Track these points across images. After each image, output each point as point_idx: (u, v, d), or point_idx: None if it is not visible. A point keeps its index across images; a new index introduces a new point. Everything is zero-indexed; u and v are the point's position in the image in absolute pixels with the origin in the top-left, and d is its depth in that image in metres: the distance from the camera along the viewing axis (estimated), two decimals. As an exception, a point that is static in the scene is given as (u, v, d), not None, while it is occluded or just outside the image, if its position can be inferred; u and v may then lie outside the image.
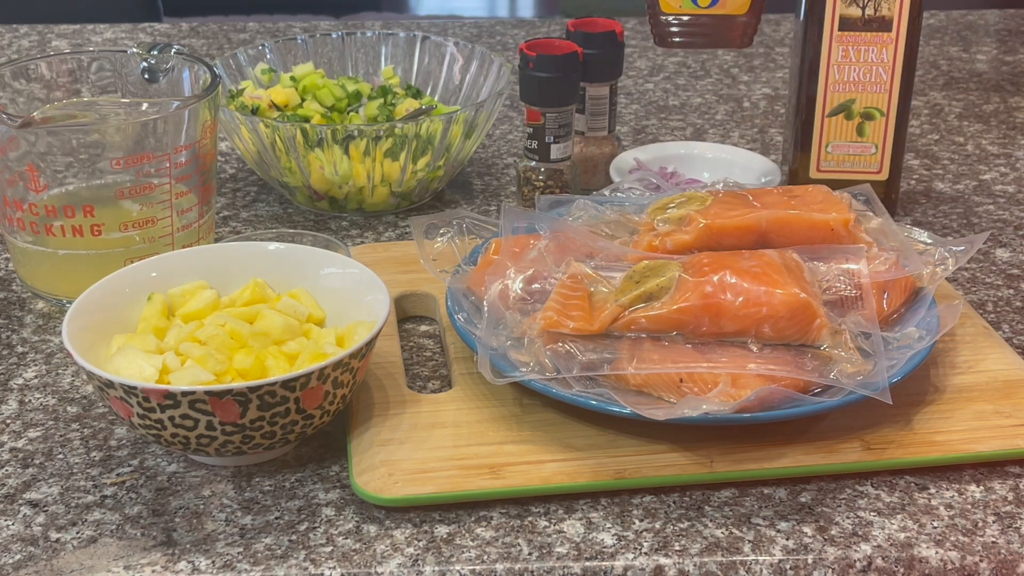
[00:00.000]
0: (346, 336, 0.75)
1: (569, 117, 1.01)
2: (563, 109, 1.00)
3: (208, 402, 0.66)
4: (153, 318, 0.76)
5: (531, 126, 1.01)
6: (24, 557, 0.66)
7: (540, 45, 1.00)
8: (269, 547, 0.67)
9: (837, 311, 0.75)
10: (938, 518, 0.69)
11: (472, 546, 0.67)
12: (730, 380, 0.71)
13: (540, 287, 0.78)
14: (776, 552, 0.66)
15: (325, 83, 1.09)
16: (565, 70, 0.99)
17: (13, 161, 0.86)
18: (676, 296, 0.74)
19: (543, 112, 1.00)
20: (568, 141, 1.01)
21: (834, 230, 0.80)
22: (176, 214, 0.89)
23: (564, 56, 0.99)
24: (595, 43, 1.04)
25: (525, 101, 1.00)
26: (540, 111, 1.00)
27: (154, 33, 1.57)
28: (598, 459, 0.72)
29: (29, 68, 0.94)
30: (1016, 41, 1.55)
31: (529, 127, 1.01)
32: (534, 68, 0.99)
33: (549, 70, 0.99)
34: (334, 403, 0.71)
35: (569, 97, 1.00)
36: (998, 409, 0.76)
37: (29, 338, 0.87)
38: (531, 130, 1.01)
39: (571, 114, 1.01)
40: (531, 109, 1.00)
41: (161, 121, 0.87)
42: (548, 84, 0.98)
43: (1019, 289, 0.94)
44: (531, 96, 1.00)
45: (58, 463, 0.74)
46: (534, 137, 1.01)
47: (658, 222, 0.83)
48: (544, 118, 1.00)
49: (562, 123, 1.00)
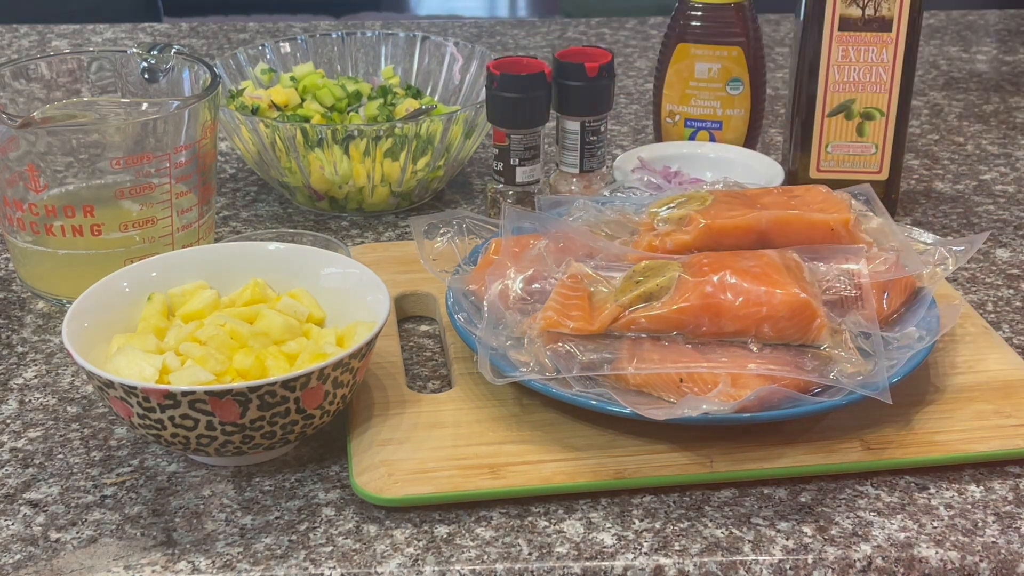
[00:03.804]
0: (346, 336, 0.75)
1: (536, 140, 0.96)
2: (528, 132, 0.96)
3: (208, 402, 0.66)
4: (153, 318, 0.76)
5: (497, 147, 0.97)
6: (24, 557, 0.66)
7: (507, 64, 0.96)
8: (269, 547, 0.67)
9: (837, 311, 0.75)
10: (938, 518, 0.69)
11: (472, 546, 0.67)
12: (730, 380, 0.71)
13: (540, 287, 0.78)
14: (776, 552, 0.66)
15: (325, 83, 1.09)
16: (529, 91, 0.94)
17: (13, 161, 0.86)
18: (676, 296, 0.74)
19: (508, 133, 0.96)
20: (535, 164, 0.97)
21: (834, 230, 0.80)
22: (176, 214, 0.89)
23: (529, 76, 0.94)
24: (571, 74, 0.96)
25: (490, 121, 0.97)
26: (505, 132, 0.96)
27: (154, 33, 1.57)
28: (598, 459, 0.72)
29: (29, 68, 0.94)
30: (1016, 41, 1.55)
31: (495, 148, 0.97)
32: (498, 87, 0.94)
33: (513, 90, 0.94)
34: (334, 403, 0.71)
35: (534, 119, 0.95)
36: (998, 409, 0.76)
37: (29, 338, 0.87)
38: (497, 151, 0.97)
39: (539, 136, 0.97)
40: (496, 130, 0.97)
41: (161, 121, 0.87)
42: (512, 105, 0.94)
43: (1019, 289, 0.94)
44: (495, 116, 0.96)
45: (58, 463, 0.74)
46: (499, 159, 0.97)
47: (658, 222, 0.83)
48: (509, 140, 0.96)
49: (528, 145, 0.96)
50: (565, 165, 1.01)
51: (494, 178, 0.99)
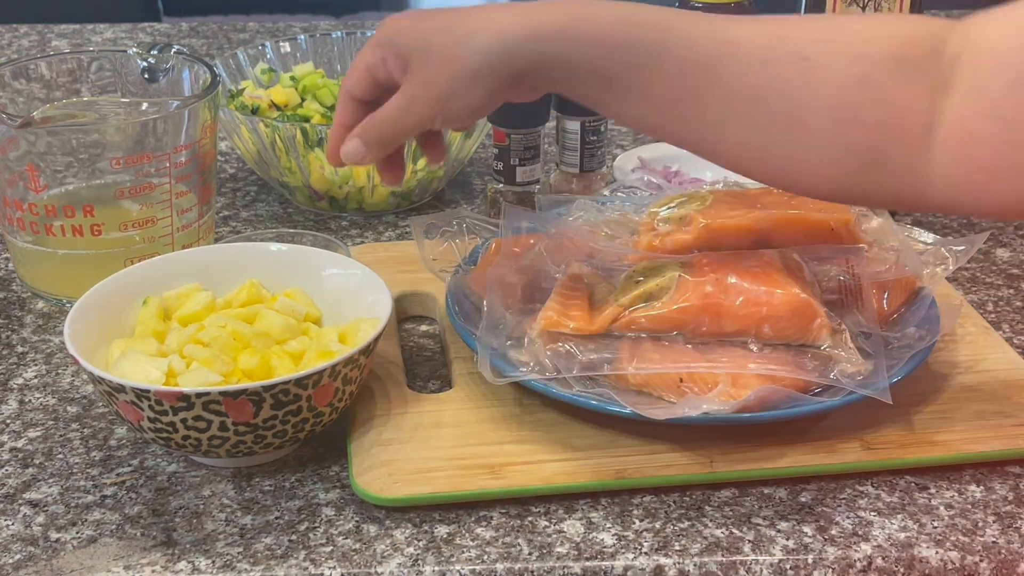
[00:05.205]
0: (348, 333, 0.75)
1: (536, 140, 0.97)
2: (528, 132, 0.96)
3: (222, 403, 0.66)
4: (151, 321, 0.76)
5: (497, 147, 0.97)
6: (24, 557, 0.66)
7: None
8: (269, 547, 0.67)
9: (837, 311, 0.75)
10: (938, 518, 0.69)
11: (472, 546, 0.67)
12: (730, 380, 0.71)
13: (540, 287, 0.78)
14: (776, 552, 0.66)
15: (325, 83, 1.09)
16: None
17: (13, 161, 0.86)
18: (676, 296, 0.74)
19: (508, 133, 0.96)
20: (535, 164, 0.97)
21: (834, 230, 0.80)
22: (176, 214, 0.89)
23: None
24: None
25: (490, 121, 0.97)
26: (505, 132, 0.96)
27: (154, 33, 1.57)
28: (598, 459, 0.72)
29: (29, 68, 0.94)
30: (1016, 41, 1.55)
31: (495, 147, 0.98)
32: None
33: None
34: (342, 400, 0.71)
35: (534, 119, 0.96)
36: (998, 409, 0.76)
37: (29, 338, 0.87)
38: (497, 151, 0.97)
39: (539, 136, 0.97)
40: (496, 129, 0.97)
41: (161, 121, 0.87)
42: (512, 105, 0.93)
43: (1019, 289, 0.94)
44: (494, 116, 0.96)
45: (58, 463, 0.74)
46: (499, 158, 0.97)
47: (658, 222, 0.83)
48: (509, 139, 0.96)
49: (528, 145, 0.96)
50: (565, 165, 1.01)
51: (494, 178, 0.99)
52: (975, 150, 0.62)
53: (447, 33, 0.69)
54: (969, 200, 0.64)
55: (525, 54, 0.67)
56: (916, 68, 0.64)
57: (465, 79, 0.69)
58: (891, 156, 0.64)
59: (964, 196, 0.64)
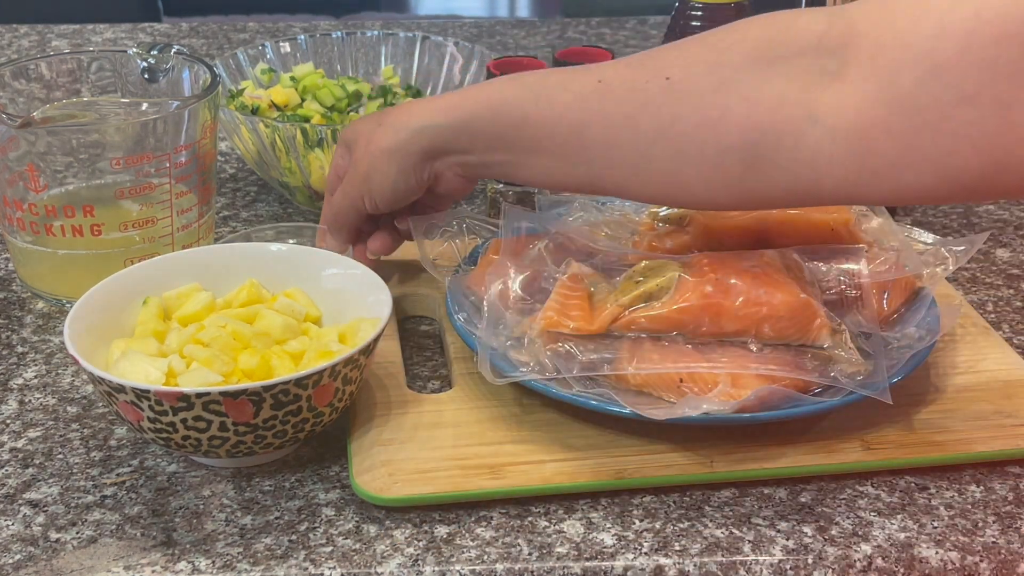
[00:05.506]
0: (348, 333, 0.75)
1: None
2: None
3: (222, 403, 0.66)
4: (150, 322, 0.76)
5: None
6: (24, 557, 0.66)
7: (507, 64, 0.95)
8: (269, 547, 0.67)
9: (837, 311, 0.75)
10: (938, 518, 0.69)
11: (472, 546, 0.67)
12: (730, 380, 0.71)
13: (540, 287, 0.78)
14: (776, 552, 0.66)
15: (325, 83, 1.09)
16: None
17: (13, 161, 0.86)
18: (676, 296, 0.74)
19: None
20: None
21: (834, 230, 0.80)
22: (176, 214, 0.89)
23: None
24: None
25: None
26: None
27: (154, 33, 1.57)
28: (598, 459, 0.72)
29: (29, 68, 0.94)
30: (1016, 41, 1.55)
31: None
32: None
33: None
34: (342, 400, 0.71)
35: None
36: (998, 409, 0.76)
37: (29, 338, 0.87)
38: None
39: None
40: None
41: (161, 121, 0.87)
42: None
43: (1019, 289, 0.94)
44: None
45: (58, 463, 0.74)
46: None
47: (658, 222, 0.83)
48: None
49: None
50: None
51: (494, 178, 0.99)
52: (877, 140, 0.62)
53: (375, 121, 0.80)
54: (869, 190, 0.65)
55: (431, 130, 0.77)
56: (782, 61, 0.65)
57: (382, 157, 0.78)
58: (774, 151, 0.65)
59: (863, 187, 0.65)
